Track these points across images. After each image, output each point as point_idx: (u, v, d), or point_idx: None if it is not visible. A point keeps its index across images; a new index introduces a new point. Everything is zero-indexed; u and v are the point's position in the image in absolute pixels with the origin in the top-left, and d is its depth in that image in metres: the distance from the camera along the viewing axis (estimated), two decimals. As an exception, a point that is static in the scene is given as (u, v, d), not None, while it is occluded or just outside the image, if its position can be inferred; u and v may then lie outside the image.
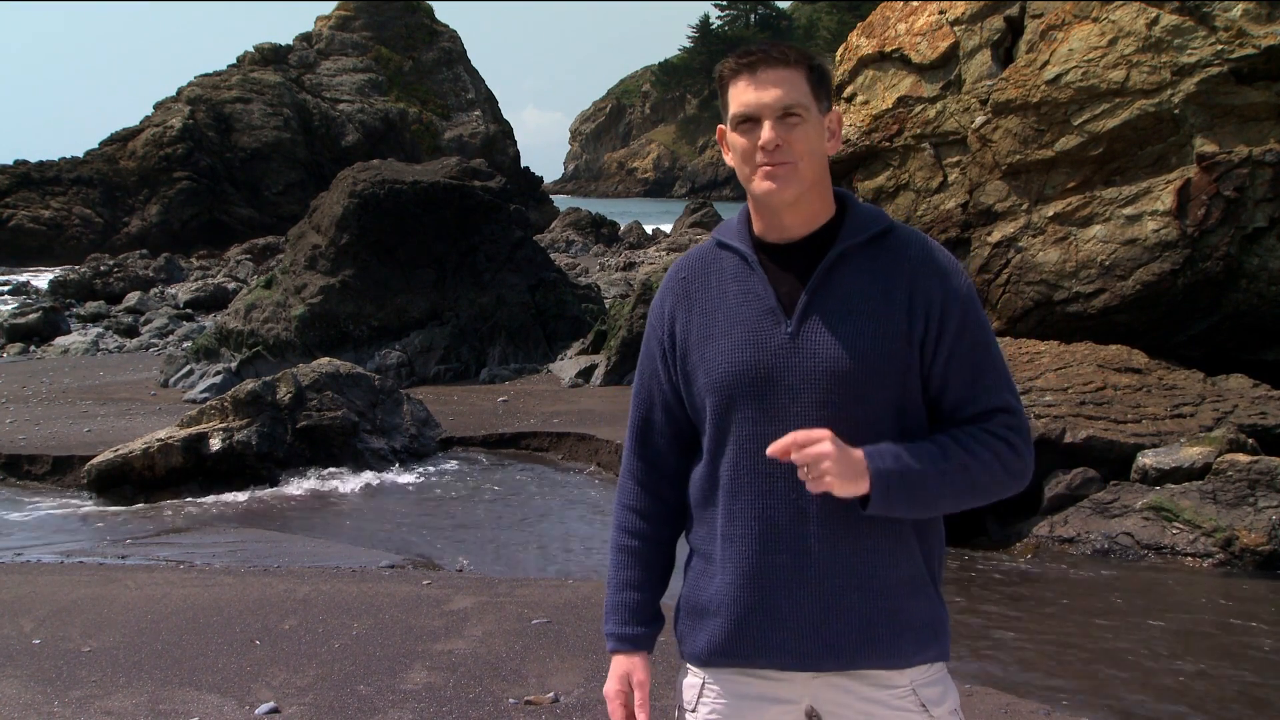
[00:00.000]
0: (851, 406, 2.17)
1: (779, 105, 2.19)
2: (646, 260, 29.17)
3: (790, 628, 2.20)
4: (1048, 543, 7.76)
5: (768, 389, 2.19)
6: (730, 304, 2.25)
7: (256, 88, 45.69)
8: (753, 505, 2.22)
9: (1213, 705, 5.37)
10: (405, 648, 5.58)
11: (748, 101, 2.20)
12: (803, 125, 2.20)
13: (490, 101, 54.45)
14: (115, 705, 4.93)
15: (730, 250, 2.30)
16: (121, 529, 9.06)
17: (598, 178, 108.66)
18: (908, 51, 10.29)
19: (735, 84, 2.23)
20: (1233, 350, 9.53)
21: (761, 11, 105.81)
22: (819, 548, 2.19)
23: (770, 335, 2.21)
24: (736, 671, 2.28)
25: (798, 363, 2.18)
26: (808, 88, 2.22)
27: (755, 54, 2.23)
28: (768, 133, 2.18)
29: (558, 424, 12.02)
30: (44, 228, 39.76)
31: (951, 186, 10.16)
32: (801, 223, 2.25)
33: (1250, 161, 8.94)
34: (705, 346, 2.26)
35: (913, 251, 2.24)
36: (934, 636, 2.26)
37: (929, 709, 2.24)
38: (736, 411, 2.22)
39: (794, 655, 2.21)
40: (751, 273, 2.25)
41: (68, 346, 19.72)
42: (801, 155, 2.20)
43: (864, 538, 2.19)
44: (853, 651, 2.20)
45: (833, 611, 2.19)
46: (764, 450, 2.17)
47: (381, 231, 16.12)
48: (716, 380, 2.23)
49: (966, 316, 2.22)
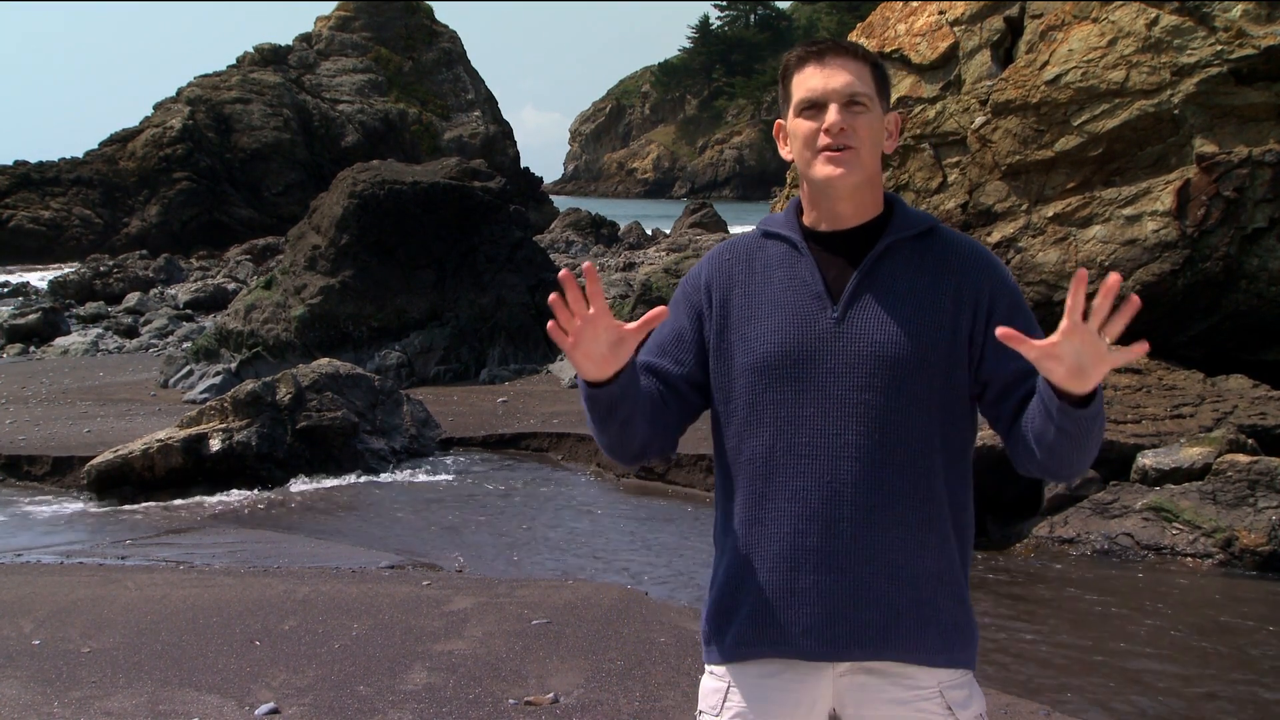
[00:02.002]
0: (893, 393, 2.17)
1: (846, 91, 2.21)
2: (646, 261, 29.16)
3: (818, 611, 2.18)
4: (1048, 543, 7.77)
5: (810, 371, 2.19)
6: (775, 288, 2.25)
7: (256, 88, 45.67)
8: (787, 486, 2.20)
9: (1213, 706, 5.38)
10: (405, 648, 5.58)
11: (814, 86, 2.22)
12: (867, 114, 2.22)
13: (490, 102, 54.44)
14: (115, 706, 4.93)
15: (778, 239, 2.31)
16: (121, 530, 9.06)
17: (597, 178, 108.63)
18: (907, 52, 10.29)
19: (802, 70, 2.25)
20: (1233, 350, 9.53)
21: (761, 12, 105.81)
22: (851, 532, 2.17)
23: (816, 319, 2.21)
24: (761, 669, 2.24)
25: (842, 347, 2.19)
26: (873, 82, 2.25)
27: (824, 43, 2.26)
28: (834, 114, 2.19)
29: (557, 424, 12.02)
30: (44, 228, 39.74)
31: (951, 187, 10.16)
32: (854, 212, 2.26)
33: (1250, 162, 8.94)
34: (746, 326, 2.25)
35: (961, 248, 2.27)
36: (962, 640, 2.24)
37: (955, 712, 2.21)
38: (774, 392, 2.21)
39: (820, 640, 2.18)
40: (800, 258, 2.26)
41: (67, 347, 19.71)
42: (864, 142, 2.21)
43: (896, 525, 2.18)
44: (879, 640, 2.17)
45: (861, 597, 2.17)
46: (801, 430, 2.18)
47: (381, 232, 16.12)
48: (757, 359, 2.22)
49: (1016, 304, 2.23)
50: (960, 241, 2.29)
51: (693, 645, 5.52)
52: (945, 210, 10.10)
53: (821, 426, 2.18)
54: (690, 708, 4.80)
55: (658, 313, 2.14)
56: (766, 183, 72.76)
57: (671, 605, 6.44)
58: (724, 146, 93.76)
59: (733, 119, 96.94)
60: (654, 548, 8.46)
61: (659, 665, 5.32)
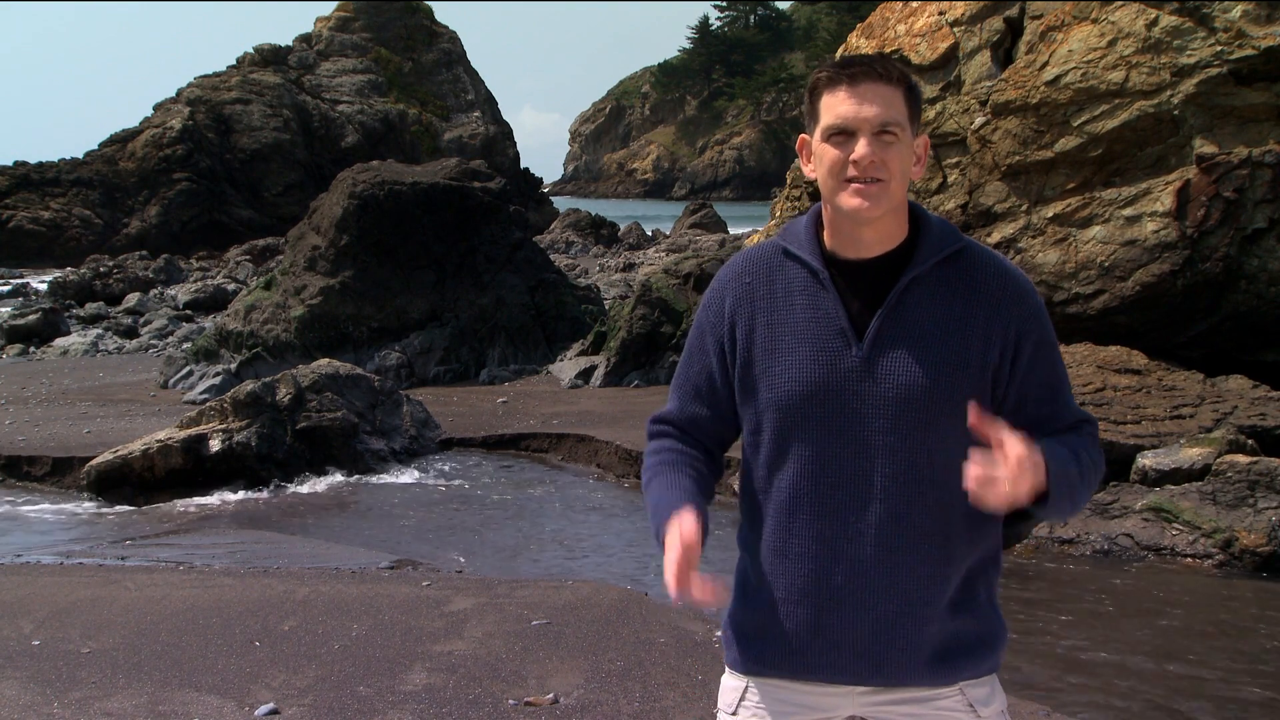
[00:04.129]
0: (920, 433, 2.14)
1: (878, 121, 2.12)
2: (646, 261, 29.18)
3: (842, 649, 2.19)
4: (1047, 544, 7.77)
5: (835, 411, 2.16)
6: (798, 319, 2.19)
7: (256, 89, 45.67)
8: (811, 525, 2.19)
9: (1213, 706, 5.38)
10: (405, 649, 5.58)
11: (845, 114, 2.13)
12: (897, 145, 2.13)
13: (490, 102, 54.45)
14: (115, 706, 4.93)
15: (798, 262, 2.23)
16: (121, 530, 9.06)
17: (597, 179, 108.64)
18: (907, 52, 10.29)
19: (833, 93, 2.15)
20: (1232, 351, 9.53)
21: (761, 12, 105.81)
22: (875, 570, 2.17)
23: (840, 357, 2.16)
24: (780, 681, 2.26)
25: (868, 388, 2.14)
26: (905, 108, 2.15)
27: (858, 65, 2.15)
28: (864, 148, 2.11)
29: (557, 425, 12.02)
30: (44, 229, 39.73)
31: (951, 187, 10.16)
32: (877, 241, 2.19)
33: (1250, 162, 8.95)
34: (770, 361, 2.20)
35: (991, 276, 2.19)
36: (987, 652, 2.25)
37: (977, 709, 2.24)
38: (800, 430, 2.18)
39: (843, 674, 2.21)
40: (822, 290, 2.19)
41: (67, 348, 19.71)
42: (894, 175, 2.13)
43: (920, 564, 2.17)
44: (902, 673, 2.19)
45: (885, 635, 2.17)
46: (826, 470, 2.16)
47: (381, 233, 16.12)
48: (781, 398, 2.19)
49: (1042, 337, 2.19)
50: (990, 266, 2.21)
51: (693, 646, 5.53)
52: (945, 211, 10.10)
53: (847, 467, 2.17)
54: (690, 708, 4.80)
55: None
56: (766, 183, 72.79)
57: (671, 606, 6.44)
58: (724, 147, 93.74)
59: (733, 119, 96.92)
60: (654, 548, 8.45)
61: (659, 665, 5.32)
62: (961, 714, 2.23)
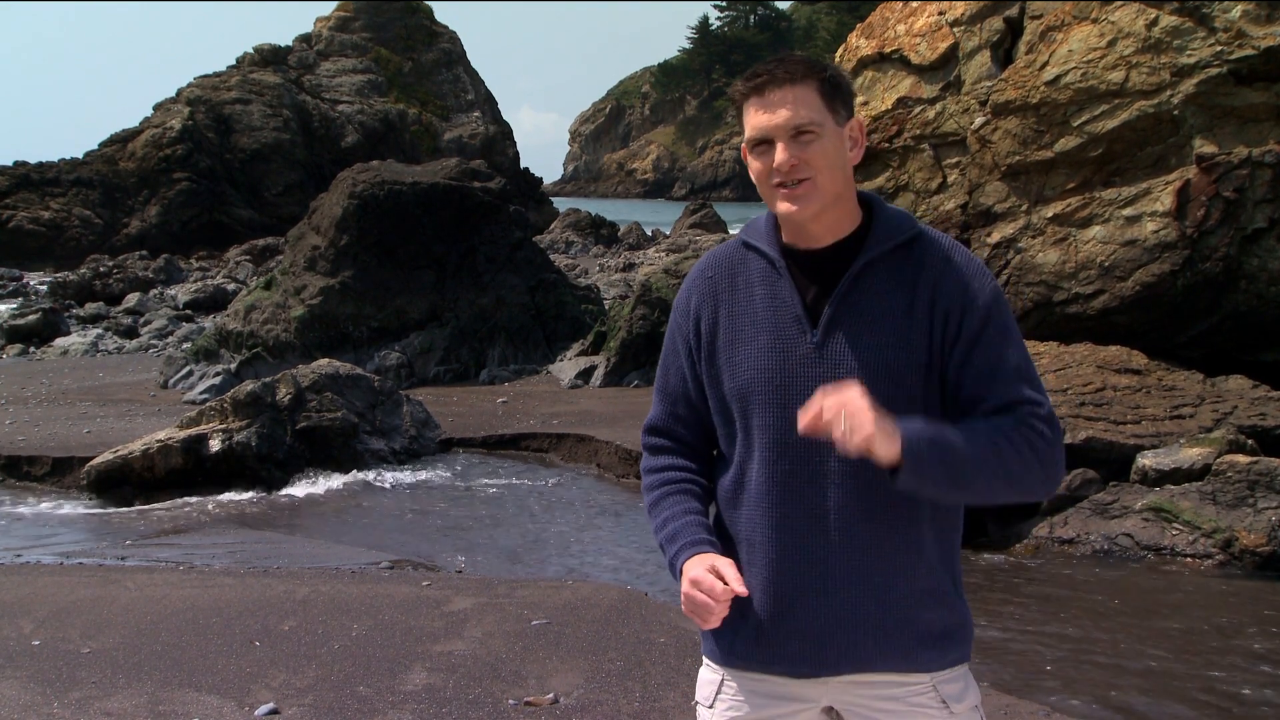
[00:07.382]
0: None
1: (790, 126, 2.17)
2: (646, 261, 29.16)
3: (808, 638, 2.21)
4: (1047, 543, 7.77)
5: (790, 397, 2.19)
6: (757, 308, 2.25)
7: (256, 89, 45.65)
8: (774, 512, 2.22)
9: (1213, 706, 5.38)
10: (405, 649, 5.58)
11: (759, 125, 2.19)
12: (818, 141, 2.18)
13: (490, 102, 54.44)
14: (115, 706, 4.93)
15: (757, 253, 2.29)
16: (121, 530, 9.06)
17: (597, 179, 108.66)
18: (907, 52, 10.29)
19: (748, 106, 2.21)
20: (1232, 351, 9.53)
21: (761, 12, 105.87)
22: (838, 558, 2.19)
23: (795, 343, 2.21)
24: (752, 673, 2.29)
25: (822, 373, 2.18)
26: (820, 102, 2.19)
27: (762, 75, 2.20)
28: (781, 154, 2.17)
29: (557, 425, 12.02)
30: (43, 229, 39.70)
31: (951, 188, 10.16)
32: (826, 231, 2.24)
33: (1250, 162, 8.94)
34: (732, 350, 2.26)
35: (937, 257, 2.22)
36: (954, 642, 2.27)
37: (949, 705, 2.25)
38: (760, 417, 2.22)
39: (812, 664, 2.23)
40: (779, 278, 2.25)
41: (67, 348, 19.71)
42: (819, 170, 2.18)
43: (883, 549, 2.19)
44: (869, 658, 2.22)
45: (849, 621, 2.20)
46: (785, 456, 2.19)
47: (381, 232, 16.12)
48: (743, 385, 2.23)
49: (988, 319, 2.19)
50: (939, 249, 2.23)
51: (692, 646, 5.53)
52: (945, 211, 10.10)
53: (806, 454, 2.19)
54: (690, 708, 4.80)
55: None
56: (766, 183, 72.63)
57: (671, 605, 6.43)
58: (723, 147, 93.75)
59: (732, 119, 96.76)
60: (653, 548, 8.45)
61: (659, 665, 5.32)
62: (934, 710, 2.24)
